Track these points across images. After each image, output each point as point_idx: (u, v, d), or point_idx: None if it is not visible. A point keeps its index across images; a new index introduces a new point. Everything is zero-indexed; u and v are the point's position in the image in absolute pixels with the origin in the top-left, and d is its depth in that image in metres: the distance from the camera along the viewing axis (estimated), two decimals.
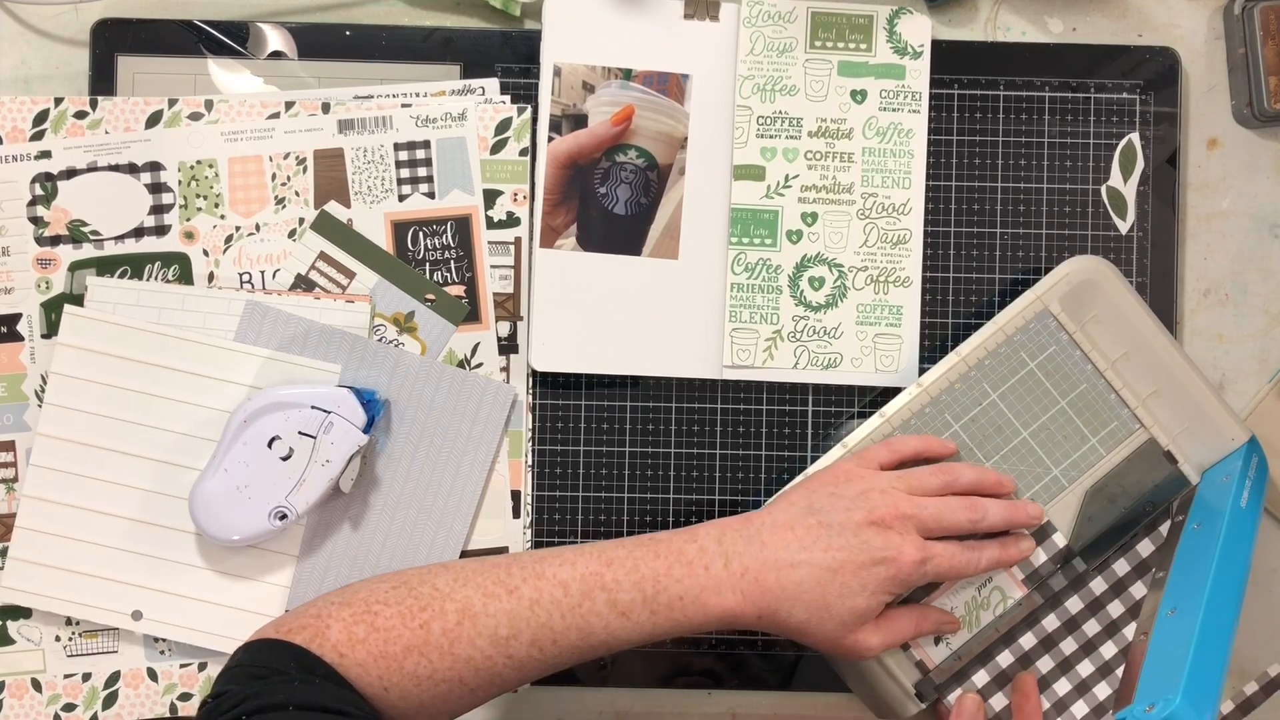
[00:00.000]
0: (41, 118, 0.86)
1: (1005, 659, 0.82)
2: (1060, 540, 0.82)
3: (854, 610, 0.74)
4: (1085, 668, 0.82)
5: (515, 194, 0.88)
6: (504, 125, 0.88)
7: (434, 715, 0.74)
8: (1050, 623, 0.82)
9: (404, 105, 0.87)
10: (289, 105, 0.87)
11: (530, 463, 0.88)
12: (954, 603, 0.82)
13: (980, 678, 0.82)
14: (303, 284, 0.87)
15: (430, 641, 0.72)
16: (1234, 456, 0.83)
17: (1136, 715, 0.66)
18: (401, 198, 0.87)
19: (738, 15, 0.88)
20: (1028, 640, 0.82)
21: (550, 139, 0.88)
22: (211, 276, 0.87)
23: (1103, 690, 0.81)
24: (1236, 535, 0.78)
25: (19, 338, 0.87)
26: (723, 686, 0.89)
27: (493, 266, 0.88)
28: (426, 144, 0.87)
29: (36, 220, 0.86)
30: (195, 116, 0.86)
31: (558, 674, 0.88)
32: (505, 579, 0.73)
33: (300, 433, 0.83)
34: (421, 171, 0.87)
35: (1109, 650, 0.82)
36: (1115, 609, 0.83)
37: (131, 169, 0.86)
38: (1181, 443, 0.84)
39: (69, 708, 0.86)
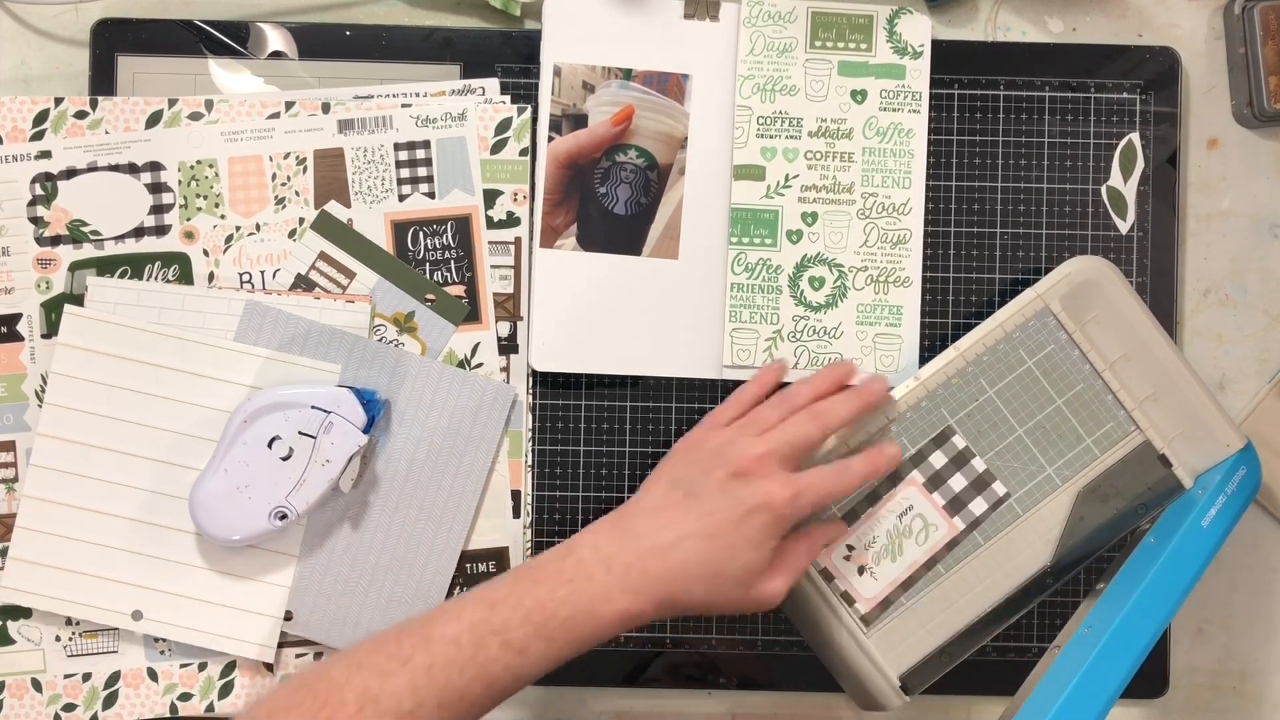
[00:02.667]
0: (41, 118, 0.86)
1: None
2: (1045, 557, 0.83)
3: (746, 567, 0.74)
4: None
5: (515, 194, 0.88)
6: (504, 125, 0.88)
7: None
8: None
9: (404, 105, 0.87)
10: (289, 105, 0.87)
11: (530, 463, 0.88)
12: (876, 532, 0.82)
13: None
14: (303, 284, 0.87)
15: None
16: (1218, 469, 0.83)
17: None
18: (401, 198, 0.87)
19: (738, 15, 0.88)
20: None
21: (550, 139, 0.88)
22: (211, 276, 0.87)
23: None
24: (1183, 558, 0.79)
25: (19, 338, 0.87)
26: (723, 687, 0.89)
27: (493, 266, 0.88)
28: (426, 144, 0.87)
29: (36, 220, 0.86)
30: (195, 116, 0.87)
31: (558, 674, 0.88)
32: (397, 652, 0.71)
33: (300, 433, 0.83)
34: (421, 171, 0.87)
35: None
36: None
37: (131, 169, 0.86)
38: (1177, 446, 0.84)
39: (69, 708, 0.86)
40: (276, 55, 0.89)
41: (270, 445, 0.83)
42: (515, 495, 0.88)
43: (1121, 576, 0.80)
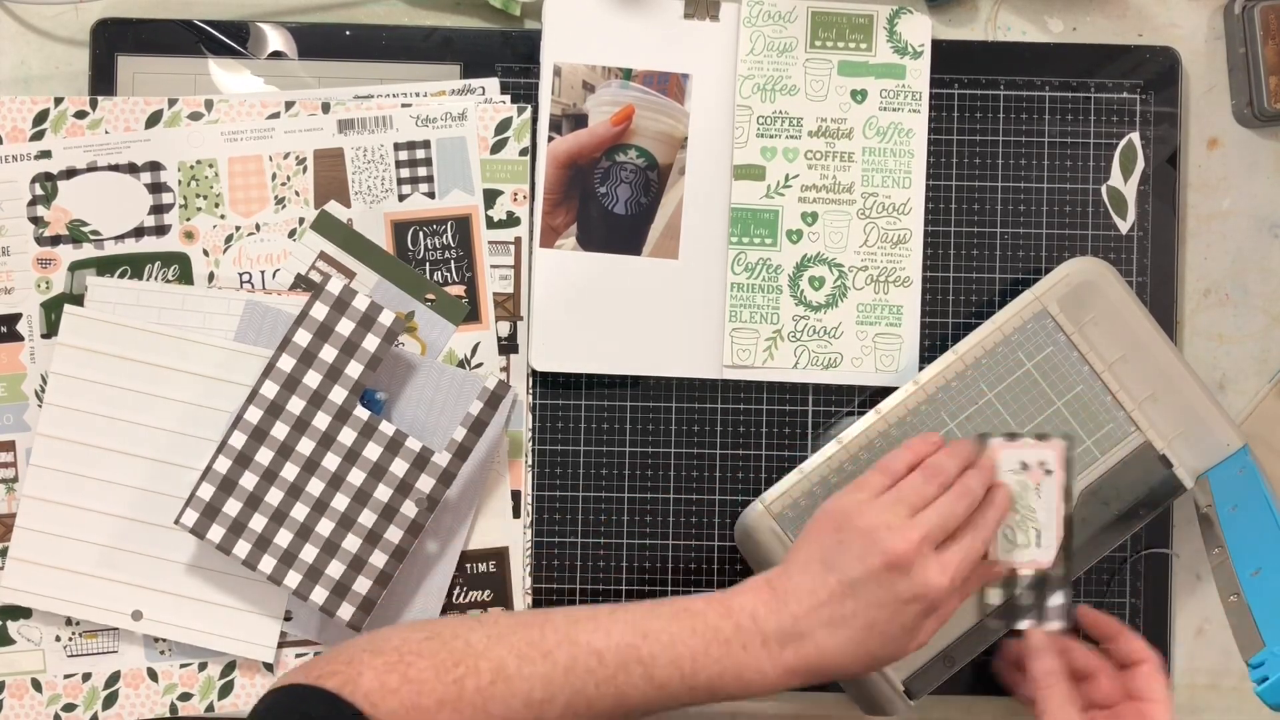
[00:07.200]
0: (41, 118, 0.86)
1: None
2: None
3: (901, 650, 0.74)
4: None
5: (515, 194, 0.88)
6: (504, 125, 0.88)
7: None
8: None
9: (404, 105, 0.87)
10: (289, 105, 0.87)
11: (530, 463, 0.89)
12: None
13: None
14: (303, 284, 0.87)
15: (464, 698, 0.70)
16: (1238, 456, 0.83)
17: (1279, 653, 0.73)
18: (401, 198, 0.87)
19: (738, 15, 0.88)
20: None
21: (550, 139, 0.88)
22: (211, 276, 0.87)
23: None
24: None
25: (19, 338, 0.87)
26: None
27: (493, 266, 0.88)
28: (426, 144, 0.87)
29: (36, 220, 0.86)
30: (195, 116, 0.87)
31: None
32: (539, 641, 0.72)
33: None
34: (421, 171, 0.87)
35: None
36: None
37: (131, 169, 0.86)
38: (1176, 447, 0.84)
39: (69, 708, 0.86)
40: (276, 55, 0.89)
41: None
42: (515, 495, 0.88)
43: (1235, 534, 0.80)
